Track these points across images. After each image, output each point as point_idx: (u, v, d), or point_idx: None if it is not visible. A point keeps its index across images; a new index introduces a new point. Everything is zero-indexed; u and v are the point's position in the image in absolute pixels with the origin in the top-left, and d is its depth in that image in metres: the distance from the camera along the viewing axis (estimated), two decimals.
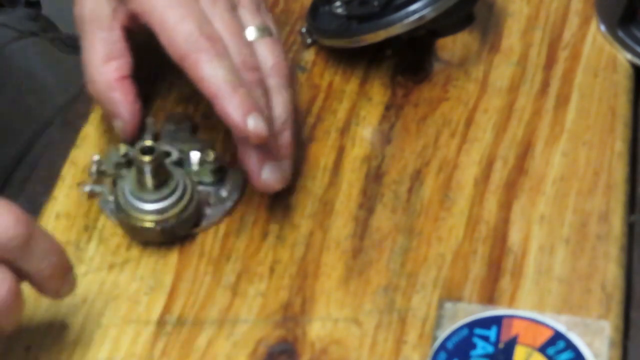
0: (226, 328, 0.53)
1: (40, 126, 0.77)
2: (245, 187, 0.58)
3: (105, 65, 0.57)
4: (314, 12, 0.65)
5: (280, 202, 0.58)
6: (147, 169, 0.53)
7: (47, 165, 0.62)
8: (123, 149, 0.58)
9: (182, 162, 0.58)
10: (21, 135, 0.76)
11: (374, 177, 0.59)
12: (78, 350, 0.52)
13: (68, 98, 0.76)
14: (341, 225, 0.57)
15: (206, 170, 0.57)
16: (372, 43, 0.61)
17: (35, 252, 0.46)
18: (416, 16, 0.58)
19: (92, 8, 0.58)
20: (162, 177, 0.54)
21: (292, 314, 0.53)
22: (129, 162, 0.57)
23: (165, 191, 0.54)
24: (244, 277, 0.55)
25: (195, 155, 0.57)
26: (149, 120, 0.60)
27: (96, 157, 0.57)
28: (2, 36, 0.82)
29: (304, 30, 0.65)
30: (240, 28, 0.56)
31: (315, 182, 0.59)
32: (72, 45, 0.82)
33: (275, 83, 0.56)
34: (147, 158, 0.53)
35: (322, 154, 0.60)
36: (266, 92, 0.55)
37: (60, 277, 0.48)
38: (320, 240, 0.56)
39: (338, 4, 0.63)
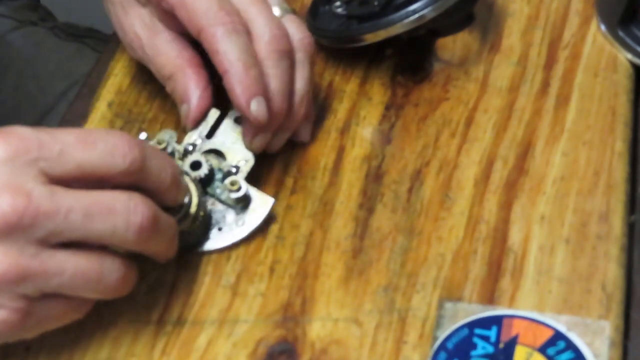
0: (226, 328, 0.53)
1: (42, 112, 0.77)
2: (261, 229, 0.56)
3: (178, 58, 0.58)
4: (314, 12, 0.65)
5: (280, 202, 0.58)
6: None
7: None
8: (167, 135, 0.57)
9: (214, 175, 0.56)
10: (23, 122, 0.77)
11: (374, 177, 0.59)
12: (78, 350, 0.52)
13: (69, 84, 0.77)
14: (341, 225, 0.57)
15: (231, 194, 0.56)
16: (372, 43, 0.61)
17: (152, 169, 0.48)
18: (416, 16, 0.58)
19: (142, 22, 0.58)
20: None
21: (292, 314, 0.53)
22: (172, 152, 0.56)
23: None
24: (244, 277, 0.55)
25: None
26: (212, 112, 0.58)
27: (143, 135, 0.57)
28: (2, 25, 0.82)
29: None
30: (266, 2, 0.57)
31: (315, 182, 0.59)
32: (71, 33, 0.83)
33: (301, 57, 0.57)
34: None
35: (322, 154, 0.60)
36: (293, 64, 0.57)
37: (176, 185, 0.51)
38: (320, 240, 0.56)
39: (338, 4, 0.63)
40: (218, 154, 0.57)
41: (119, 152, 0.47)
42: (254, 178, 0.58)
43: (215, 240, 0.56)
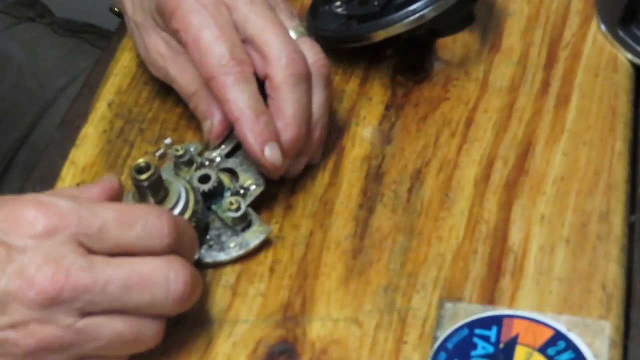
0: (226, 328, 0.53)
1: (42, 108, 0.77)
2: (251, 254, 0.55)
3: (198, 77, 0.57)
4: (314, 12, 0.65)
5: (280, 202, 0.58)
6: (145, 186, 0.52)
7: (47, 165, 0.61)
8: (192, 147, 0.58)
9: (222, 192, 0.56)
10: (23, 118, 0.77)
11: (374, 177, 0.59)
12: None
13: (68, 79, 0.77)
14: (341, 225, 0.57)
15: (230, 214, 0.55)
16: (372, 43, 0.61)
17: (184, 247, 0.50)
18: (416, 16, 0.58)
19: (165, 43, 0.58)
20: (160, 195, 0.53)
21: (292, 314, 0.53)
22: (190, 161, 0.57)
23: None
24: (244, 277, 0.55)
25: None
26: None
27: (168, 141, 0.57)
28: (0, 23, 0.82)
29: None
30: (282, 23, 0.57)
31: (315, 182, 0.59)
32: (69, 29, 0.83)
33: (316, 81, 0.57)
34: (143, 176, 0.52)
35: (322, 154, 0.60)
36: (310, 88, 0.56)
37: (196, 245, 0.53)
38: (320, 240, 0.56)
39: (338, 3, 0.63)
40: (233, 173, 0.57)
41: (157, 234, 0.48)
42: (261, 201, 0.57)
43: (201, 257, 0.55)
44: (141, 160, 0.52)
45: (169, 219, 0.49)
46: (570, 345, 0.50)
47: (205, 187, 0.55)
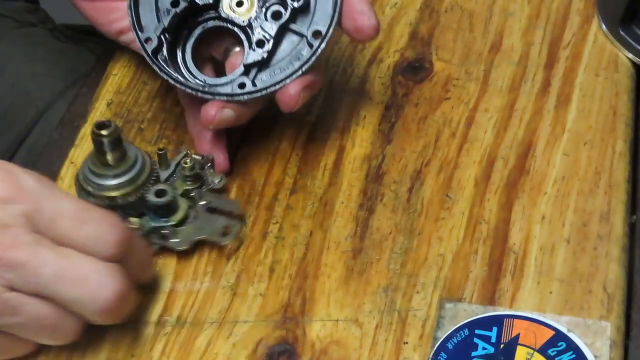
0: (226, 328, 0.53)
1: (40, 110, 0.77)
2: (196, 247, 0.56)
3: (203, 132, 0.58)
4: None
5: (280, 202, 0.58)
6: (104, 142, 0.52)
7: (46, 165, 0.61)
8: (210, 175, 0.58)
9: (172, 208, 0.56)
10: (20, 120, 0.77)
11: (374, 177, 0.59)
12: (77, 352, 0.52)
13: (67, 83, 0.77)
14: (341, 225, 0.56)
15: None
16: None
17: (132, 262, 0.49)
18: None
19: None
20: (117, 154, 0.53)
21: (292, 314, 0.53)
22: (196, 176, 0.57)
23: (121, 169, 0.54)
24: (244, 278, 0.55)
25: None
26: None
27: (184, 151, 0.58)
28: (2, 25, 0.82)
29: None
30: None
31: (315, 182, 0.59)
32: (70, 35, 0.83)
33: None
34: (104, 132, 0.52)
35: (322, 154, 0.60)
36: None
37: (149, 267, 0.53)
38: (320, 240, 0.56)
39: None
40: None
41: (106, 241, 0.48)
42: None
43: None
44: (104, 119, 0.53)
45: (123, 232, 0.48)
46: (571, 346, 0.50)
47: (160, 201, 0.55)
